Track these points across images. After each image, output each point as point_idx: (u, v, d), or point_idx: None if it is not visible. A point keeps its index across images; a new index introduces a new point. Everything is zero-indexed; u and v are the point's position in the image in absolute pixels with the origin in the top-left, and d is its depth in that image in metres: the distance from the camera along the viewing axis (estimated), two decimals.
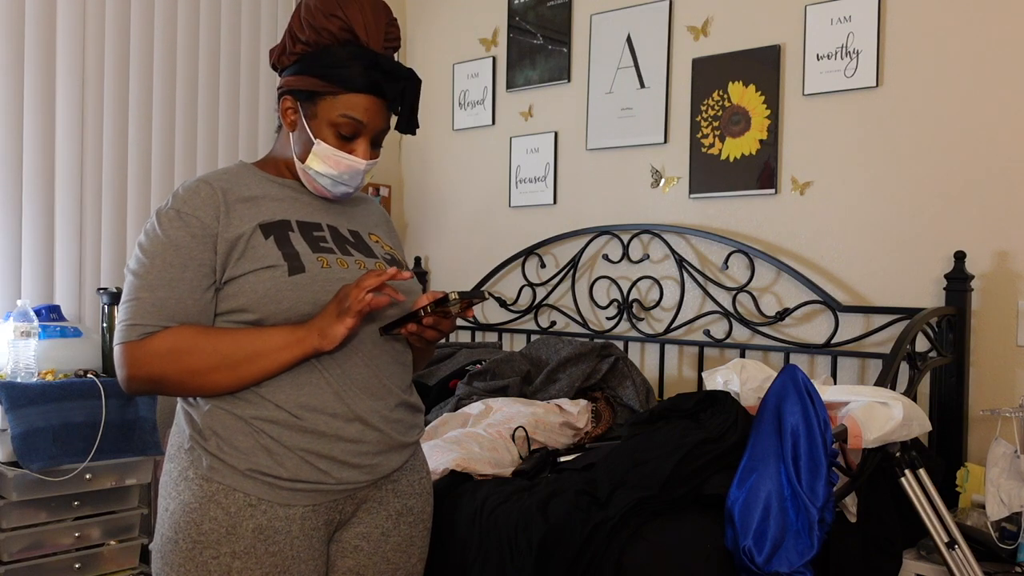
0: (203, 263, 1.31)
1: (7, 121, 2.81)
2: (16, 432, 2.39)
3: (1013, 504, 2.04)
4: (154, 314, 1.28)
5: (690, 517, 1.82)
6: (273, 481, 1.30)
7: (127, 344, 1.29)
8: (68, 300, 2.93)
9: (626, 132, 3.23)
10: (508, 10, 3.57)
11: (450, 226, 3.78)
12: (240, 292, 1.31)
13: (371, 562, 1.41)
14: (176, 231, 1.31)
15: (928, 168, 2.59)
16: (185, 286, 1.30)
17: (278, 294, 1.31)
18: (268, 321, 1.31)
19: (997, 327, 2.48)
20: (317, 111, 1.36)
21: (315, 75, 1.35)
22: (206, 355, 1.28)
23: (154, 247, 1.31)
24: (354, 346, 1.36)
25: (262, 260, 1.31)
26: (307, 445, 1.31)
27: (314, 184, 1.42)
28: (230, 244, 1.31)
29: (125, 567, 2.66)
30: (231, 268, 1.32)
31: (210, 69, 3.32)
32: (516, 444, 2.30)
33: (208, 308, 1.32)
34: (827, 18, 2.75)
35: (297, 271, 1.32)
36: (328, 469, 1.32)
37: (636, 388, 2.63)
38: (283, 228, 1.36)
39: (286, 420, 1.31)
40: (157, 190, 3.18)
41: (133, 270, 1.32)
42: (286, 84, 1.40)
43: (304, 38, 1.36)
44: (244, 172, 1.43)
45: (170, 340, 1.28)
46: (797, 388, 1.75)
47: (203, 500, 1.28)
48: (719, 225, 3.01)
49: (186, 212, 1.32)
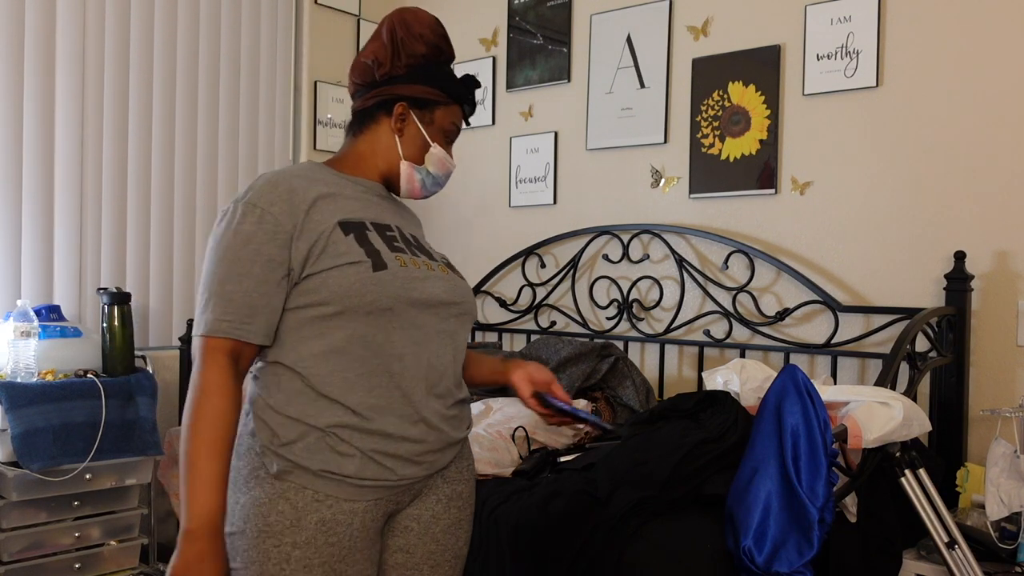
0: (272, 258, 1.33)
1: (7, 121, 2.81)
2: (16, 432, 2.39)
3: (1013, 504, 2.04)
4: (222, 308, 1.31)
5: (690, 517, 1.82)
6: (341, 479, 1.35)
7: (203, 339, 1.32)
8: (68, 300, 2.94)
9: (626, 132, 3.23)
10: (508, 10, 3.57)
11: (450, 226, 3.78)
12: (322, 286, 1.35)
13: (420, 542, 1.47)
14: (249, 226, 1.33)
15: (928, 168, 2.59)
16: (252, 281, 1.32)
17: (362, 288, 1.35)
18: (348, 314, 1.35)
19: (997, 327, 2.49)
20: (434, 118, 1.49)
21: (433, 86, 1.48)
22: (194, 432, 1.29)
23: (225, 240, 1.34)
24: (422, 344, 1.41)
25: (344, 256, 1.35)
26: (374, 446, 1.36)
27: (413, 184, 1.51)
28: (311, 241, 1.35)
29: (125, 567, 2.66)
30: (312, 264, 1.35)
31: (210, 69, 3.33)
32: (516, 444, 2.30)
33: (275, 303, 1.35)
34: (827, 18, 2.75)
35: (380, 268, 1.37)
36: (393, 467, 1.38)
37: (636, 388, 2.63)
38: (360, 227, 1.41)
39: (356, 423, 1.36)
40: (157, 190, 3.18)
41: (207, 264, 1.36)
42: (403, 92, 1.47)
43: (419, 52, 1.47)
44: (318, 170, 1.47)
45: (216, 387, 1.30)
46: (797, 388, 1.75)
47: (273, 496, 1.34)
48: (719, 225, 3.01)
49: (261, 207, 1.34)
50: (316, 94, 3.64)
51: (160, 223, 3.19)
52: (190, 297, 3.29)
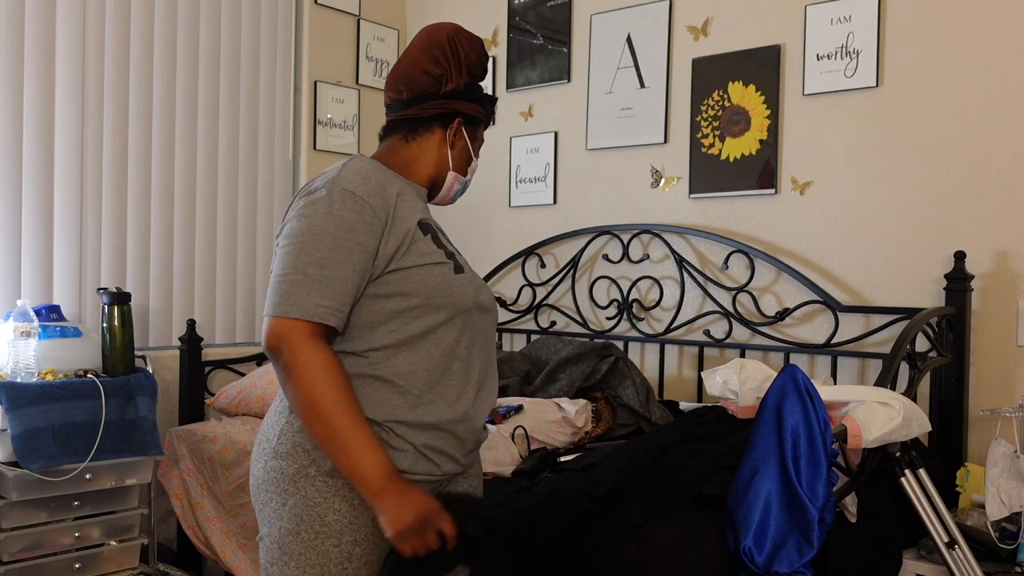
0: (367, 250, 1.36)
1: (7, 121, 2.81)
2: (16, 432, 2.39)
3: (1013, 504, 2.04)
4: (320, 292, 1.32)
5: (690, 517, 1.82)
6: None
7: (299, 323, 1.30)
8: (68, 300, 2.94)
9: (626, 132, 3.23)
10: (508, 10, 3.57)
11: (450, 226, 3.78)
12: (407, 281, 1.39)
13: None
14: (350, 213, 1.35)
15: (928, 168, 2.59)
16: (351, 270, 1.34)
17: (448, 288, 1.41)
18: (427, 310, 1.40)
19: (997, 327, 2.48)
20: (477, 134, 1.60)
21: (482, 104, 1.58)
22: (325, 404, 1.30)
23: (326, 225, 1.34)
24: (479, 347, 1.48)
25: (429, 256, 1.41)
26: (426, 441, 1.40)
27: (451, 193, 1.60)
28: (400, 236, 1.39)
29: (125, 567, 2.66)
30: (398, 259, 1.38)
31: (210, 69, 3.32)
32: (516, 444, 2.30)
33: (359, 291, 1.37)
34: (827, 18, 2.75)
35: (459, 271, 1.45)
36: (439, 462, 1.42)
37: (636, 388, 2.62)
38: (433, 229, 1.48)
39: (411, 418, 1.39)
40: (157, 190, 3.18)
41: (301, 243, 1.34)
42: (462, 108, 1.55)
43: (478, 73, 1.55)
44: (382, 168, 1.49)
45: (327, 363, 1.31)
46: (797, 388, 1.75)
47: (327, 495, 1.36)
48: (719, 225, 3.01)
49: (361, 196, 1.37)
50: (316, 94, 3.64)
51: (160, 223, 3.19)
52: (190, 297, 3.29)
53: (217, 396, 3.01)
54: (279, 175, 3.57)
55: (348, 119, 3.76)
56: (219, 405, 2.99)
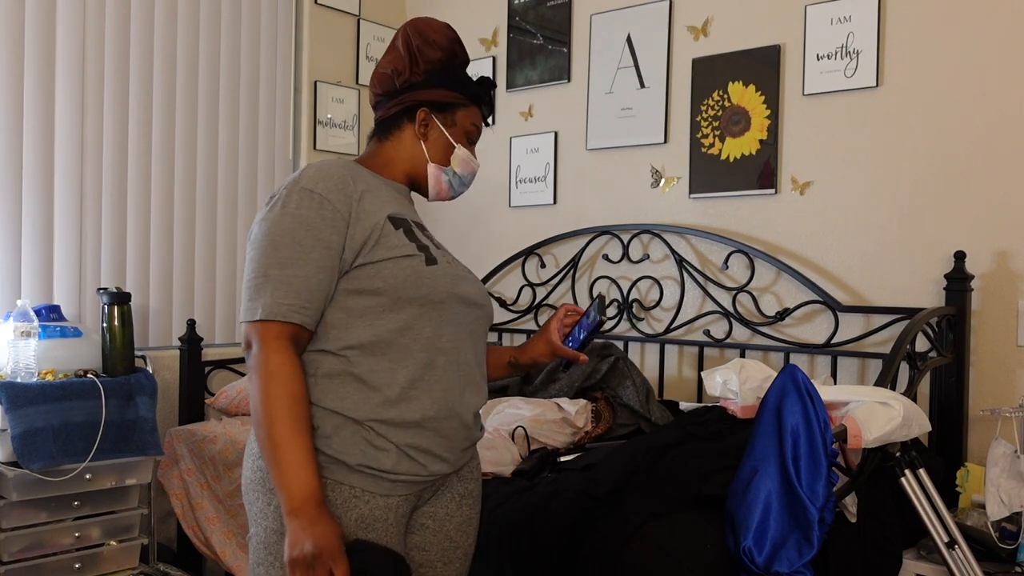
0: (330, 245, 1.35)
1: (7, 121, 2.81)
2: (16, 432, 2.39)
3: (1013, 504, 2.04)
4: (283, 291, 1.32)
5: (690, 517, 1.82)
6: (378, 474, 1.36)
7: (261, 324, 1.31)
8: (68, 300, 2.94)
9: (626, 132, 3.23)
10: (508, 10, 3.57)
11: (450, 226, 3.78)
12: (377, 276, 1.37)
13: (435, 539, 1.49)
14: (308, 210, 1.34)
15: (928, 168, 2.59)
16: (312, 266, 1.33)
17: (418, 280, 1.38)
18: (400, 305, 1.38)
19: (997, 327, 2.48)
20: (455, 120, 1.53)
21: (450, 88, 1.52)
22: (270, 411, 1.29)
23: (284, 225, 1.34)
24: (462, 341, 1.45)
25: (398, 249, 1.38)
26: (409, 440, 1.38)
27: (441, 185, 1.55)
28: (366, 231, 1.37)
29: (125, 567, 2.66)
30: (366, 254, 1.37)
31: (210, 69, 3.33)
32: (516, 444, 2.30)
33: (328, 288, 1.36)
34: (827, 18, 2.75)
35: (432, 263, 1.41)
36: (425, 462, 1.40)
37: (636, 388, 2.62)
38: (406, 223, 1.44)
39: (393, 417, 1.37)
40: (157, 190, 3.18)
41: (261, 246, 1.35)
42: (423, 97, 1.51)
43: (435, 57, 1.51)
44: (354, 166, 1.48)
45: (285, 369, 1.30)
46: (797, 388, 1.75)
47: None
48: (719, 225, 3.01)
49: (319, 193, 1.36)
50: (316, 94, 3.64)
51: (160, 223, 3.19)
52: (190, 297, 3.29)
53: (217, 396, 3.01)
54: (279, 175, 3.57)
55: (348, 119, 3.76)
56: (219, 405, 2.99)
